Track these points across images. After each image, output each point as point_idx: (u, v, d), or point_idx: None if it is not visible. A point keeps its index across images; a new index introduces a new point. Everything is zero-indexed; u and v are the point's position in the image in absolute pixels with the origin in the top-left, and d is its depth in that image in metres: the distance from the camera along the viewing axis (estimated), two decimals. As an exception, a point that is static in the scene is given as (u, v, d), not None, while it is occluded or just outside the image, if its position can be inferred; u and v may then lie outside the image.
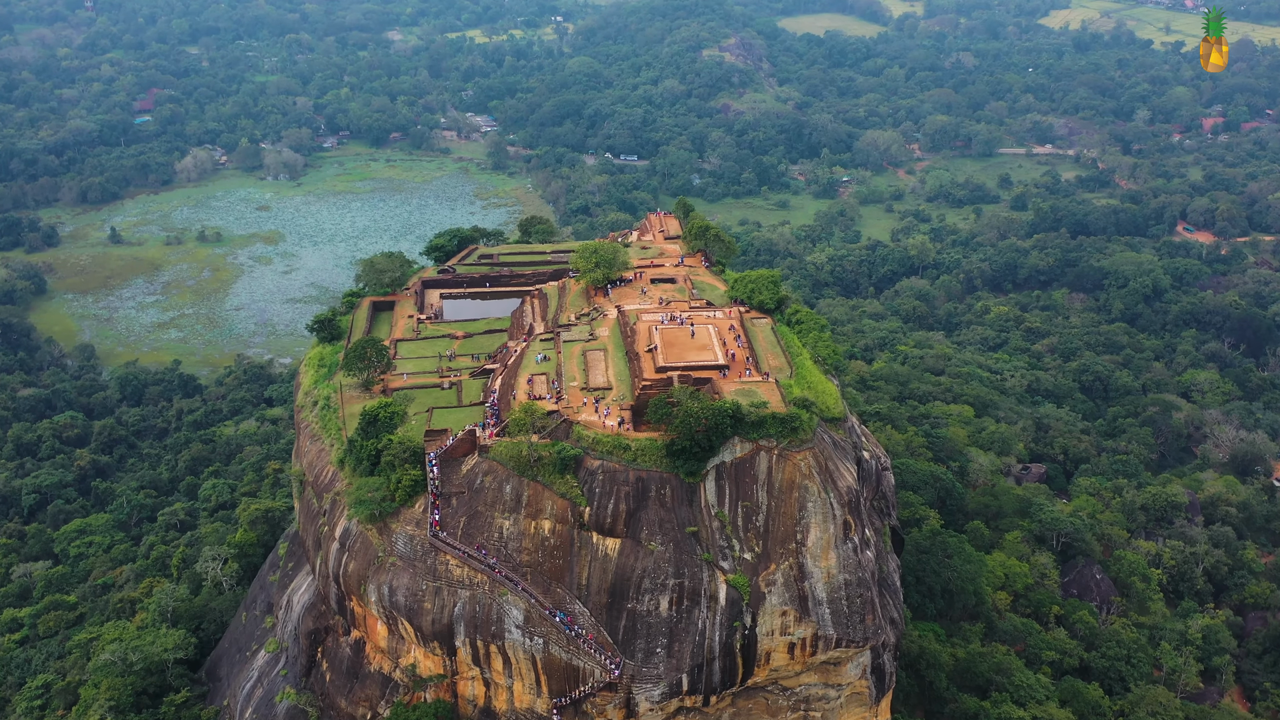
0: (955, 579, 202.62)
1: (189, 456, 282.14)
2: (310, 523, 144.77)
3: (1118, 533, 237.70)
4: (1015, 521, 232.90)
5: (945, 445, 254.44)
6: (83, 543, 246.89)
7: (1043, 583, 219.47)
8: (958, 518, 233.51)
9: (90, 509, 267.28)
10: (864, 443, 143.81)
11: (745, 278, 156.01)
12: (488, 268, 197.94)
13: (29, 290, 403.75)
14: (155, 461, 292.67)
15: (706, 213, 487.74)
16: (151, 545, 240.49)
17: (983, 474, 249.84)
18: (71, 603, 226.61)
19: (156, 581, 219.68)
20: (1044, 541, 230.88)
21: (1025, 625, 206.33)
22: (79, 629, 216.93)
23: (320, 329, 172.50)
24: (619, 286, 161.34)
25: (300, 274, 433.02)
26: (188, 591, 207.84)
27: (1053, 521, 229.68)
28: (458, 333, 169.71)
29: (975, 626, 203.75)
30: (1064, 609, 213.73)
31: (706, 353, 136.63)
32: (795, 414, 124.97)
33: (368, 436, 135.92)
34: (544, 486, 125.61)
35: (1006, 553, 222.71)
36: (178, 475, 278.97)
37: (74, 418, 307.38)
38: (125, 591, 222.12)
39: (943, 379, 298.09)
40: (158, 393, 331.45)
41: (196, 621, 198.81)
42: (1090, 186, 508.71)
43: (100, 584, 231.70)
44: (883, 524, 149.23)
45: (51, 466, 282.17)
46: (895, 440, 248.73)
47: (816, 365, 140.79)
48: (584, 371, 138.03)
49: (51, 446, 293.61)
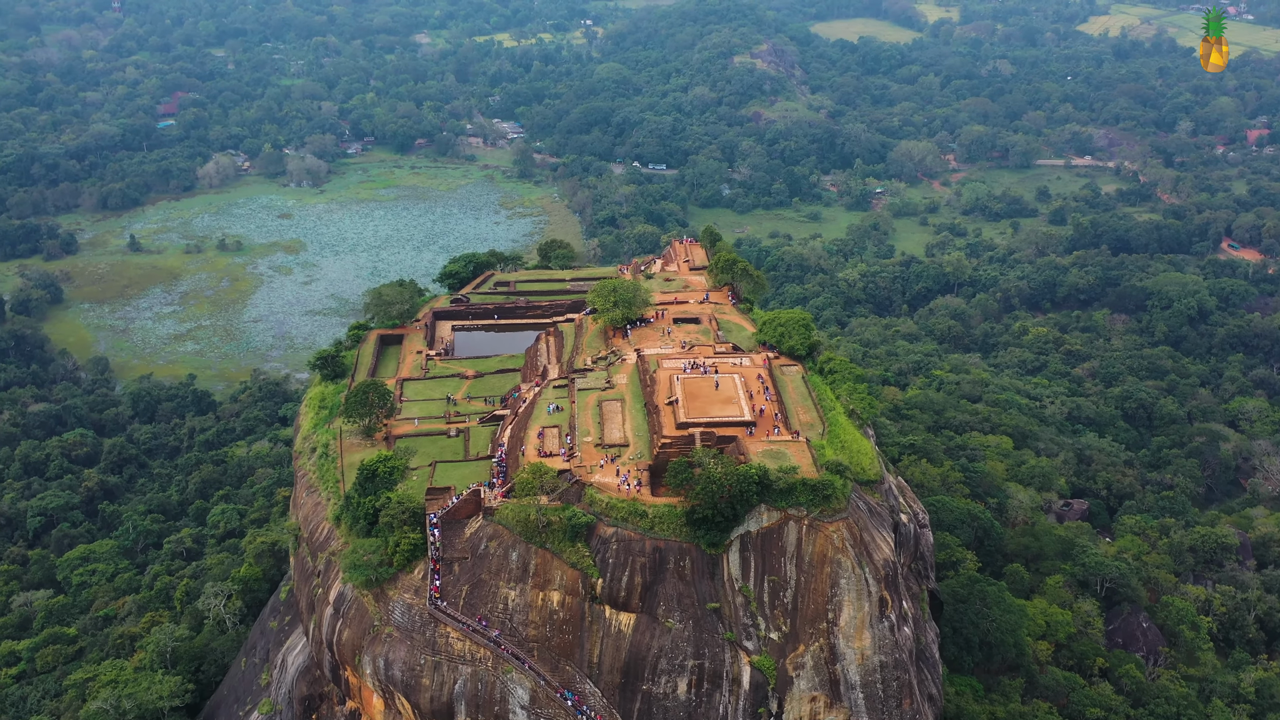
0: (994, 630, 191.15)
1: (199, 479, 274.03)
2: (304, 582, 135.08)
3: (1164, 576, 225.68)
4: (1057, 564, 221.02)
5: (983, 480, 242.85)
6: (86, 570, 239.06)
7: (1086, 632, 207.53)
8: (996, 559, 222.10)
9: (96, 533, 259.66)
10: (901, 503, 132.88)
11: (774, 320, 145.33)
12: (503, 297, 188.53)
13: (45, 300, 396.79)
14: (165, 482, 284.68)
15: (736, 224, 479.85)
16: (156, 575, 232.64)
17: (1022, 511, 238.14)
18: (71, 635, 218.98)
19: (158, 615, 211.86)
20: (1087, 586, 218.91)
21: (1068, 680, 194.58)
22: (77, 664, 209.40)
23: (322, 366, 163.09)
24: (639, 327, 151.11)
25: (320, 284, 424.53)
26: (188, 631, 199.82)
27: (1097, 566, 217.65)
28: (468, 371, 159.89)
29: (1015, 681, 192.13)
30: (1109, 661, 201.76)
31: (732, 407, 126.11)
32: (828, 481, 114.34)
33: (365, 493, 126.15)
34: (553, 555, 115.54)
35: (1048, 599, 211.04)
36: (187, 498, 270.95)
37: (84, 435, 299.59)
38: (126, 626, 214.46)
39: (980, 407, 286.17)
40: (170, 409, 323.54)
41: (196, 663, 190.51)
42: (1131, 200, 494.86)
43: (101, 616, 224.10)
44: (921, 588, 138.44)
45: (59, 488, 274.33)
46: (930, 475, 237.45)
47: (850, 420, 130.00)
48: (599, 425, 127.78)
49: (60, 466, 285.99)
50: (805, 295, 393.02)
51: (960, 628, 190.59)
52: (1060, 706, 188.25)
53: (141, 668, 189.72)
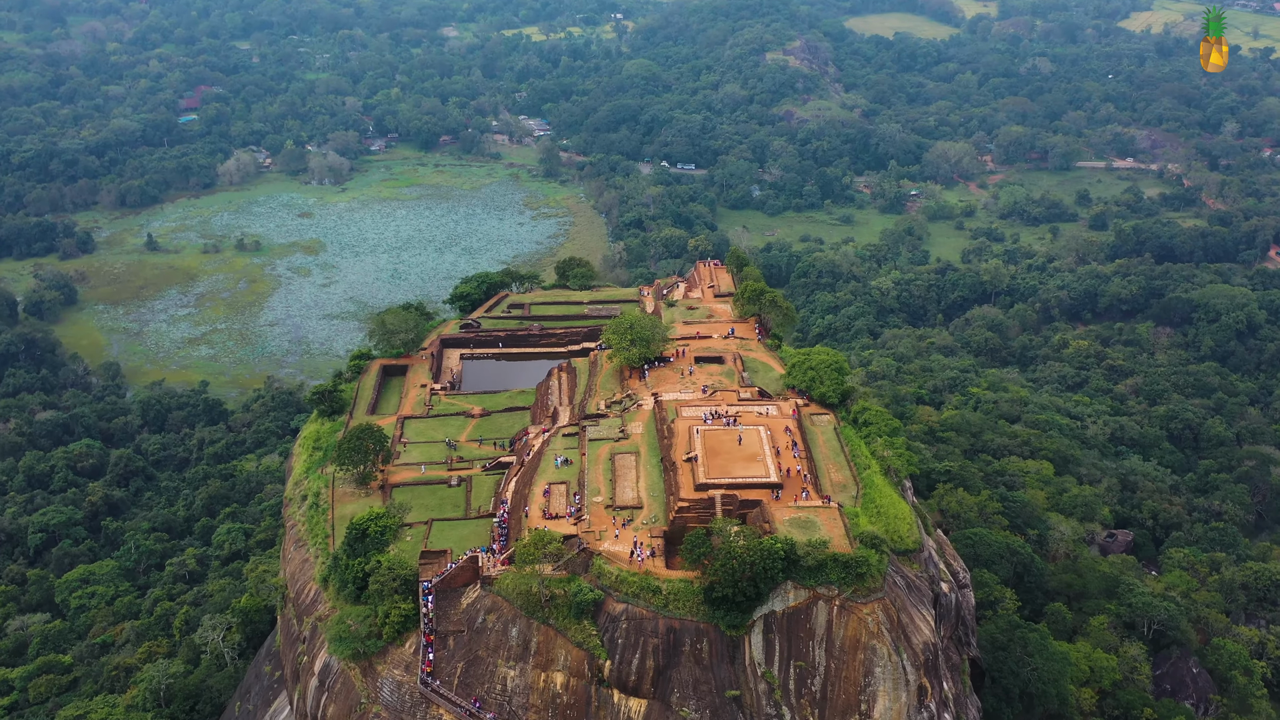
0: (1035, 680, 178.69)
1: (206, 494, 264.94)
2: (290, 647, 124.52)
3: (1215, 616, 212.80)
4: (1101, 604, 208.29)
5: (1022, 511, 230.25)
6: (85, 593, 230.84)
7: (1133, 678, 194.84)
8: (1036, 597, 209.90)
9: (99, 551, 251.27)
10: (940, 568, 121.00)
11: (804, 362, 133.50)
12: (516, 322, 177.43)
13: (58, 301, 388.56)
14: (173, 496, 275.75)
15: (765, 226, 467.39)
16: (156, 600, 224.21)
17: (1064, 544, 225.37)
18: (66, 664, 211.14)
19: (156, 645, 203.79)
20: (1134, 628, 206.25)
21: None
22: (70, 696, 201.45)
23: (319, 401, 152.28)
24: (658, 367, 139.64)
25: (339, 287, 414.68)
26: (184, 666, 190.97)
27: (1144, 607, 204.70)
28: (474, 410, 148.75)
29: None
30: (1157, 712, 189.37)
31: (756, 466, 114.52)
32: (862, 557, 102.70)
33: (354, 554, 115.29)
34: (557, 632, 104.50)
35: (1092, 641, 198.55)
36: (194, 514, 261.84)
37: (90, 446, 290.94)
38: (123, 656, 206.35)
39: (1019, 429, 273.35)
40: (181, 419, 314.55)
41: (192, 702, 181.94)
42: (1175, 205, 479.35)
43: (99, 643, 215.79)
44: (961, 656, 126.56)
45: (62, 502, 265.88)
46: (967, 504, 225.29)
47: (887, 478, 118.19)
48: (610, 483, 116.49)
49: (64, 478, 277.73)
50: (837, 304, 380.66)
51: (999, 677, 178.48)
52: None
53: (134, 706, 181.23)
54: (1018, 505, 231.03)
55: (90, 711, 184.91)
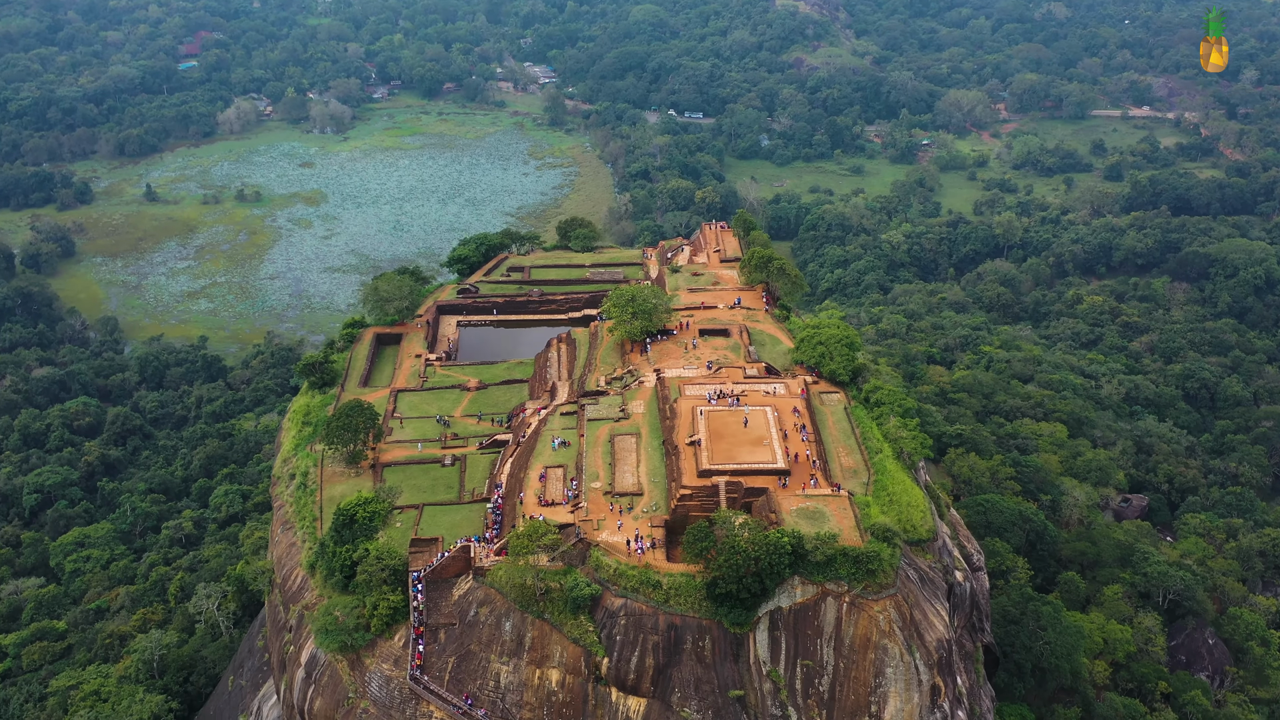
0: (1049, 654, 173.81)
1: (204, 455, 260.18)
2: (276, 635, 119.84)
3: (1232, 585, 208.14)
4: (1115, 573, 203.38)
5: (1035, 476, 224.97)
6: (79, 557, 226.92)
7: (1147, 649, 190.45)
8: (1049, 565, 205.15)
9: (95, 513, 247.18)
10: (955, 556, 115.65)
11: (814, 336, 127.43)
12: (515, 287, 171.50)
13: (56, 254, 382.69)
14: (170, 455, 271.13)
15: (774, 177, 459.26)
16: (152, 564, 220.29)
17: (1078, 510, 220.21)
18: (60, 630, 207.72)
19: (150, 612, 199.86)
20: (1149, 598, 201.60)
21: (1128, 708, 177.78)
22: (64, 663, 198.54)
23: (309, 373, 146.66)
24: (660, 341, 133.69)
25: (340, 239, 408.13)
26: (178, 635, 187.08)
27: (1160, 576, 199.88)
28: (470, 382, 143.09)
29: (1070, 711, 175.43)
30: (1172, 685, 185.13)
31: (762, 450, 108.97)
32: (873, 552, 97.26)
33: (341, 541, 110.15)
34: (552, 627, 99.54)
35: (1106, 612, 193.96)
36: (191, 475, 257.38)
37: (87, 404, 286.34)
38: (117, 623, 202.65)
39: (1032, 389, 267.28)
40: (179, 375, 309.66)
41: (185, 673, 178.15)
42: (1192, 155, 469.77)
43: (93, 609, 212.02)
44: (975, 644, 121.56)
45: (57, 462, 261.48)
46: (979, 469, 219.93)
47: (899, 462, 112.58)
48: (610, 467, 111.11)
49: (61, 437, 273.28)
50: (846, 258, 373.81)
51: (1011, 652, 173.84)
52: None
53: (126, 677, 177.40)
54: (1030, 470, 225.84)
55: (83, 682, 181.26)
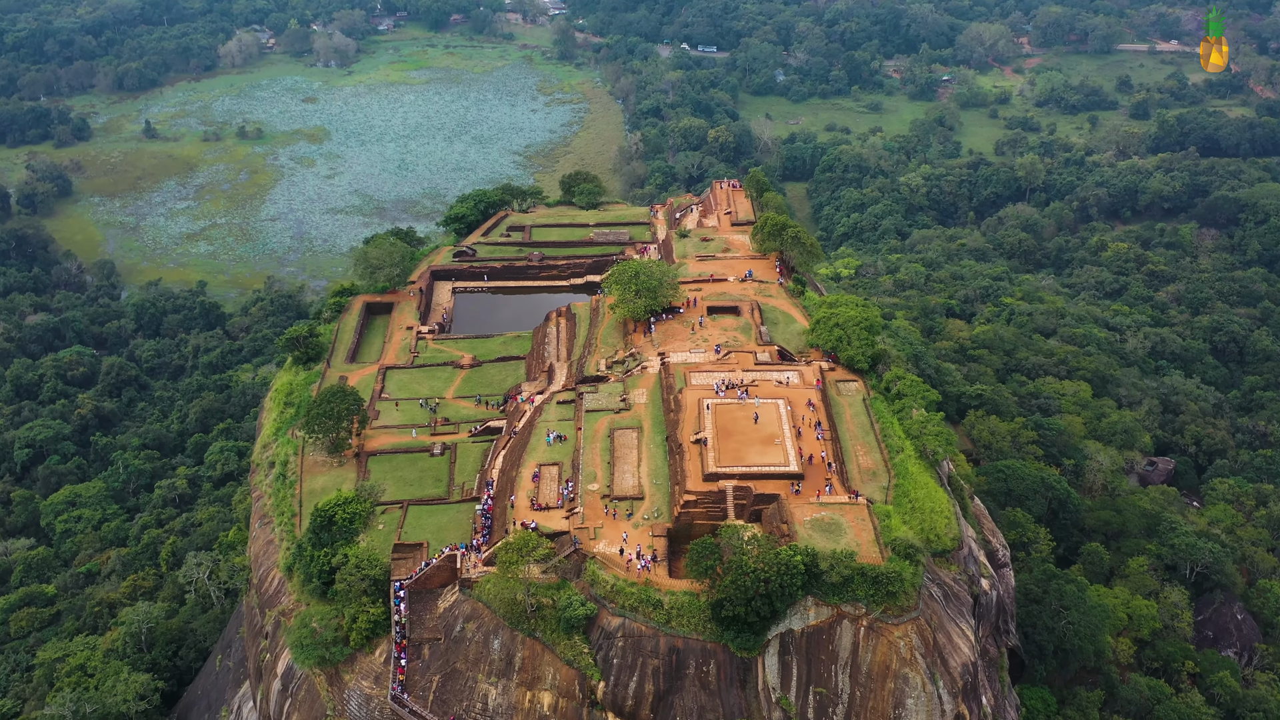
0: (1071, 635, 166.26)
1: (200, 408, 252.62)
2: (253, 640, 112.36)
3: (1261, 555, 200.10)
4: (1141, 544, 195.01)
5: (1058, 439, 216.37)
6: (70, 517, 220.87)
7: (1173, 625, 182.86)
8: (1072, 534, 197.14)
9: (87, 469, 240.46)
10: (981, 562, 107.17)
11: (830, 318, 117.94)
12: (515, 249, 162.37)
13: (52, 194, 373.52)
14: (166, 407, 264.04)
15: (789, 114, 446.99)
16: (144, 526, 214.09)
17: (1102, 475, 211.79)
18: (49, 595, 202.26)
19: (141, 579, 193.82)
20: (1175, 571, 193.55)
21: (1153, 690, 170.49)
22: (52, 630, 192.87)
23: (293, 347, 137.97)
24: (665, 320, 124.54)
25: (344, 178, 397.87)
26: (168, 606, 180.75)
27: (1187, 549, 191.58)
28: (464, 358, 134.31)
29: (1093, 693, 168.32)
30: (1199, 665, 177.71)
31: (774, 451, 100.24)
32: (894, 572, 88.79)
33: (319, 545, 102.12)
34: (545, 647, 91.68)
35: (1131, 586, 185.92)
36: (187, 429, 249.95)
37: (81, 354, 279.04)
38: (107, 589, 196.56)
39: (1055, 344, 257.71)
40: (176, 322, 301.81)
41: (174, 646, 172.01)
42: (1221, 92, 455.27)
43: (83, 572, 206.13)
44: (1000, 649, 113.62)
45: (50, 415, 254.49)
46: (1000, 432, 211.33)
47: (922, 460, 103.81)
48: (608, 466, 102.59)
49: (54, 389, 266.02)
50: (863, 201, 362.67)
51: (1033, 634, 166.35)
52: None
53: (113, 650, 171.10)
54: (1053, 433, 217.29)
55: (69, 654, 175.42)
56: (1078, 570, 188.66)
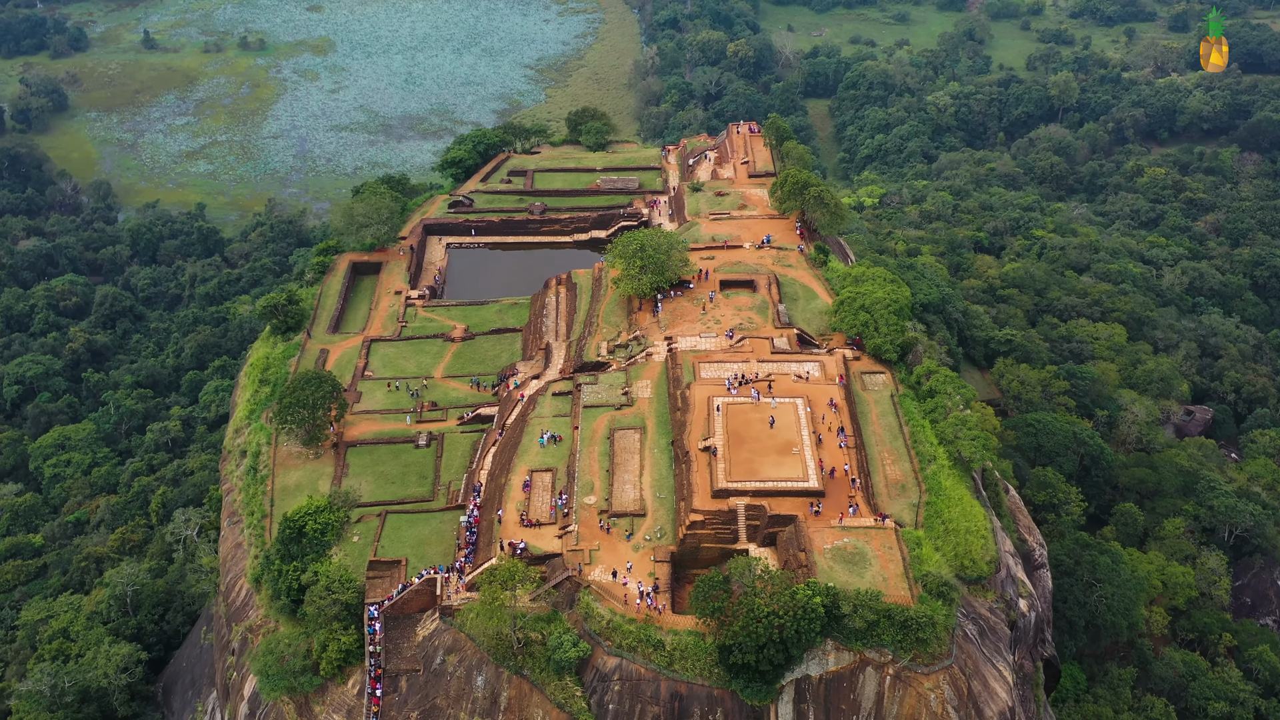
0: (1104, 611, 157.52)
1: (195, 343, 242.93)
2: (220, 653, 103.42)
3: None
4: (1177, 504, 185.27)
5: (1091, 389, 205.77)
6: (60, 460, 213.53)
7: (1210, 593, 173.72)
8: (1104, 493, 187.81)
9: (79, 408, 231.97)
10: (1018, 580, 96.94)
11: (856, 299, 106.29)
12: (516, 199, 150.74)
13: (47, 109, 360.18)
14: (162, 340, 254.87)
15: (812, 24, 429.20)
16: (135, 473, 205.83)
17: (1136, 427, 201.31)
18: (36, 546, 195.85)
19: (130, 532, 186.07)
20: (1213, 534, 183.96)
21: (1188, 665, 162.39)
22: (39, 584, 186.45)
23: (270, 315, 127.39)
24: (673, 298, 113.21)
25: (349, 93, 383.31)
26: (155, 564, 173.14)
27: (1227, 512, 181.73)
28: (456, 329, 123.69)
29: (1125, 671, 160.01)
30: (1237, 638, 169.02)
31: (791, 462, 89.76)
32: (925, 616, 78.68)
33: (289, 558, 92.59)
34: (533, 686, 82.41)
35: (1166, 551, 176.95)
36: (182, 364, 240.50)
37: (74, 283, 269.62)
38: (94, 543, 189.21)
39: (1088, 282, 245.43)
40: (174, 249, 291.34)
41: (161, 610, 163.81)
42: (1265, 3, 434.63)
43: (71, 521, 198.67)
44: (1035, 663, 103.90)
45: (41, 349, 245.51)
46: (1030, 382, 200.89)
47: (957, 470, 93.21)
48: (607, 474, 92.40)
49: (45, 319, 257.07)
50: (889, 121, 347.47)
51: (1063, 608, 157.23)
52: (1176, 700, 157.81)
53: (97, 613, 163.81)
54: (1086, 382, 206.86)
55: (52, 616, 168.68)
56: (1110, 532, 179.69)
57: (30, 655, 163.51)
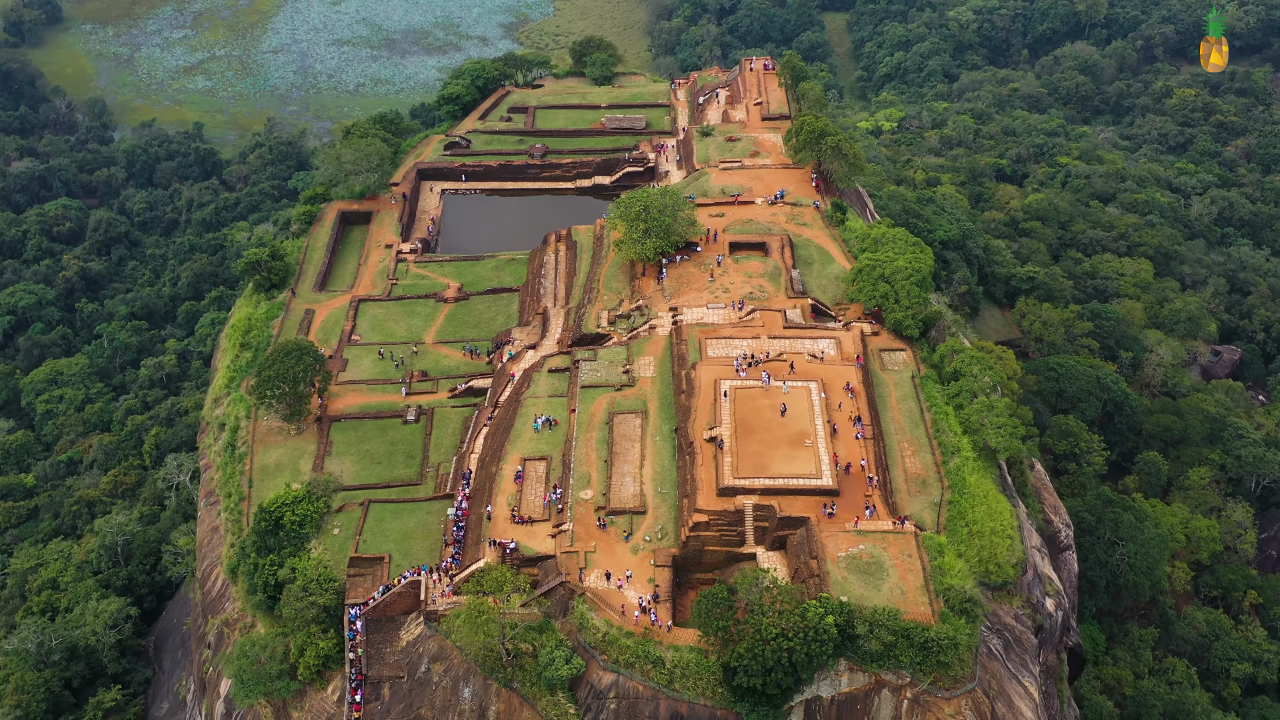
0: (1127, 570, 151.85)
1: (192, 271, 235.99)
2: (196, 645, 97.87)
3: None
4: (1203, 453, 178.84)
5: (1116, 329, 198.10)
6: (52, 396, 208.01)
7: (1235, 547, 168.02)
8: (1128, 439, 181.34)
9: (73, 340, 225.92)
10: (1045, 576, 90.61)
11: (875, 267, 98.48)
12: (516, 140, 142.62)
13: (40, 21, 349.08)
14: (158, 267, 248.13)
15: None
16: (129, 410, 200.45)
17: (1162, 369, 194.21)
18: (28, 487, 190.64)
19: (123, 474, 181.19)
20: (1239, 484, 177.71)
21: (1211, 624, 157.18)
22: (30, 526, 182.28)
23: (253, 272, 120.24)
24: (678, 263, 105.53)
25: (350, 5, 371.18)
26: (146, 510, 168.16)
27: (1254, 462, 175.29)
28: (449, 287, 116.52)
29: (1147, 631, 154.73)
30: (1262, 595, 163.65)
31: (804, 456, 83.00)
32: (947, 637, 72.32)
33: (265, 550, 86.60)
34: (524, 700, 76.77)
35: (1190, 503, 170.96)
36: (178, 294, 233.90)
37: (68, 207, 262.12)
38: (86, 485, 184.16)
39: (1114, 214, 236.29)
40: (170, 170, 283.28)
41: (153, 559, 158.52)
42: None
43: (64, 460, 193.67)
44: (1059, 655, 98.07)
45: (34, 277, 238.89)
46: (1053, 323, 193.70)
47: (982, 461, 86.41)
48: (605, 465, 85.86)
49: (39, 246, 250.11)
50: (909, 37, 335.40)
51: (1085, 568, 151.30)
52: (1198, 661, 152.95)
53: (87, 562, 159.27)
54: (1111, 323, 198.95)
55: (42, 564, 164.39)
56: (1132, 481, 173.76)
57: (19, 605, 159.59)
